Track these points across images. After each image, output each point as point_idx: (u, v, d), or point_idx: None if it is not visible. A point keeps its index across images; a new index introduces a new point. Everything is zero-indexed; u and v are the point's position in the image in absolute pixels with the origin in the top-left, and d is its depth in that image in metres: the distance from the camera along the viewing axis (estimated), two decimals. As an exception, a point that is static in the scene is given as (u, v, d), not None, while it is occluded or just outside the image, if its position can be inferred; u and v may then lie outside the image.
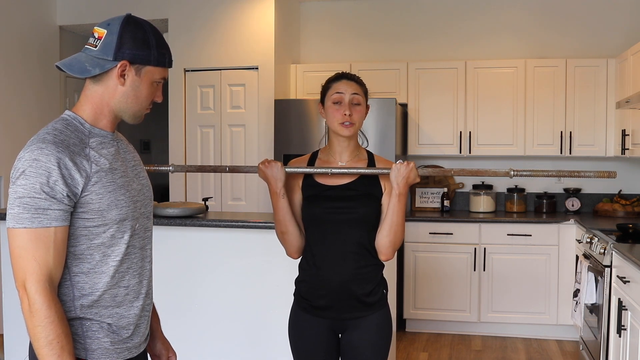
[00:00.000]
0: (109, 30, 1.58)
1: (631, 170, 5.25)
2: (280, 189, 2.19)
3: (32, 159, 1.48)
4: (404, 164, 2.15)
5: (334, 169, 2.19)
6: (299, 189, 2.26)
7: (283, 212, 2.21)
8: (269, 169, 2.20)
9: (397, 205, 2.16)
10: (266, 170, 2.20)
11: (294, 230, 2.23)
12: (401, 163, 2.15)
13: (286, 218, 2.21)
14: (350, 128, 2.19)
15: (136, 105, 1.64)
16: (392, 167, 2.16)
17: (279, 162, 2.21)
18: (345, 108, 2.19)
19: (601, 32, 5.23)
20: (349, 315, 2.19)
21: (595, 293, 3.73)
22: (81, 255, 1.57)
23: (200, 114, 5.17)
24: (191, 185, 5.20)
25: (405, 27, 5.57)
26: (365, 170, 2.19)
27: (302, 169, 2.22)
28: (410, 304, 4.98)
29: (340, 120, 2.19)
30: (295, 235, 2.23)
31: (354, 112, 2.20)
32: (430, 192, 5.47)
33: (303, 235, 2.26)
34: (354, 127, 2.20)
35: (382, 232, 2.19)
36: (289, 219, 2.21)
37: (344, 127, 2.19)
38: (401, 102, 5.15)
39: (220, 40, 5.08)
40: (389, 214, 2.17)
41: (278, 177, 2.19)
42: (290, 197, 2.25)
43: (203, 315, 3.43)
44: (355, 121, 2.19)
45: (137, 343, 1.69)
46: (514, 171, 2.22)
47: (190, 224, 3.38)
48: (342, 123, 2.19)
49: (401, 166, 2.14)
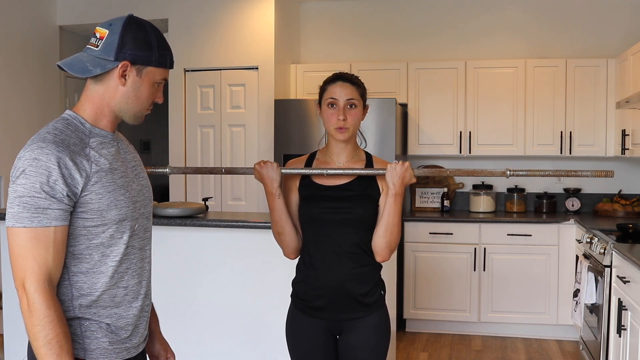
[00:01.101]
0: (110, 30, 1.58)
1: (631, 170, 5.25)
2: (275, 189, 2.19)
3: (32, 158, 1.48)
4: (399, 163, 2.14)
5: (329, 170, 2.19)
6: (296, 189, 2.26)
7: (279, 212, 2.21)
8: (264, 169, 2.20)
9: (393, 206, 2.16)
10: (262, 170, 2.20)
11: (291, 231, 2.23)
12: (396, 163, 2.15)
13: (282, 218, 2.21)
14: (345, 133, 2.19)
15: (137, 105, 1.64)
16: (387, 167, 2.16)
17: (274, 163, 2.20)
18: (340, 112, 2.18)
19: (601, 32, 5.23)
20: (346, 316, 2.18)
21: (595, 293, 3.74)
22: (80, 255, 1.57)
23: (200, 114, 5.17)
24: (191, 185, 5.20)
25: (405, 27, 5.57)
26: (361, 171, 2.19)
27: (298, 170, 2.22)
28: (410, 304, 4.98)
29: (335, 125, 2.19)
30: (292, 236, 2.23)
31: (348, 116, 2.18)
32: (430, 192, 5.47)
33: (300, 236, 2.26)
34: (349, 131, 2.19)
35: (378, 233, 2.18)
36: (285, 219, 2.21)
37: (339, 132, 2.19)
38: (401, 102, 5.15)
39: (220, 40, 5.08)
40: (385, 215, 2.17)
41: (274, 177, 2.19)
42: (287, 197, 2.25)
43: (203, 315, 3.43)
44: (349, 125, 2.19)
45: (135, 343, 1.69)
46: (511, 171, 2.21)
47: (190, 224, 3.38)
48: (337, 128, 2.19)
49: (396, 166, 2.14)
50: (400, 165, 2.14)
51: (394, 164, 2.14)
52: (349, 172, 2.18)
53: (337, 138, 2.21)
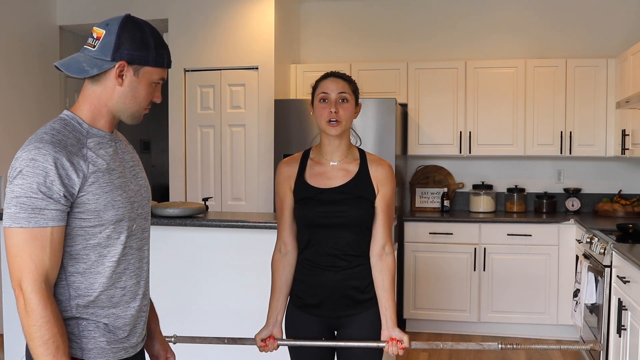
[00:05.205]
0: (107, 30, 1.58)
1: (631, 170, 5.24)
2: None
3: (30, 158, 1.48)
4: (397, 345, 2.15)
5: (327, 344, 2.20)
6: (291, 191, 2.26)
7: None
8: (267, 349, 2.27)
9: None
10: (265, 351, 2.27)
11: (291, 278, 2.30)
12: (394, 344, 2.15)
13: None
14: (337, 126, 2.17)
15: (134, 105, 1.64)
16: (387, 344, 2.16)
17: (275, 342, 2.25)
18: (332, 106, 2.17)
19: (601, 32, 5.23)
20: (343, 312, 2.21)
21: (595, 293, 3.73)
22: (77, 255, 1.57)
23: (200, 114, 5.17)
24: (191, 185, 5.20)
25: (405, 27, 5.56)
26: (359, 344, 2.18)
27: (294, 343, 2.23)
28: (410, 304, 4.98)
29: (327, 118, 2.17)
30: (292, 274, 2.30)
31: (340, 109, 2.17)
32: (430, 192, 5.46)
33: (295, 235, 2.28)
34: (341, 125, 2.18)
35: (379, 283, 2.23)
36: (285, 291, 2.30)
37: (331, 125, 2.17)
38: (401, 102, 5.14)
39: (220, 40, 5.08)
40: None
41: (275, 346, 2.27)
42: (282, 200, 2.27)
43: (203, 315, 3.43)
44: (341, 119, 2.17)
45: (133, 343, 1.69)
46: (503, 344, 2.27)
47: (190, 224, 3.38)
48: (328, 121, 2.17)
49: (394, 347, 2.16)
50: (396, 346, 2.15)
51: (393, 346, 2.16)
52: (345, 344, 2.19)
53: (329, 133, 2.19)
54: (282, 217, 2.28)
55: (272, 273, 2.29)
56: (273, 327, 2.27)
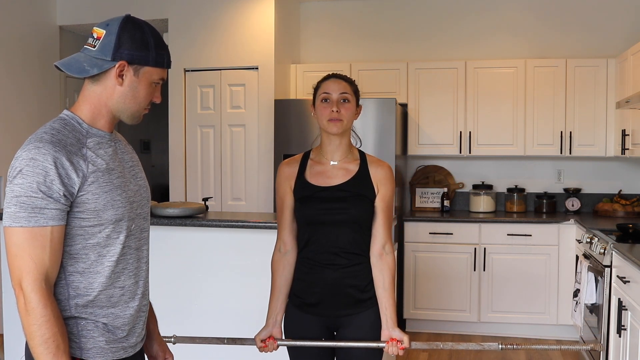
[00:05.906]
0: (107, 30, 1.58)
1: (631, 170, 5.24)
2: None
3: (29, 158, 1.48)
4: (397, 345, 2.16)
5: (325, 343, 2.21)
6: (291, 190, 2.27)
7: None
8: (267, 350, 2.27)
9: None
10: (265, 351, 2.27)
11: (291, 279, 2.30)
12: (394, 344, 2.16)
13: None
14: (338, 124, 2.19)
15: (134, 105, 1.64)
16: (387, 345, 2.16)
17: (274, 343, 2.25)
18: (333, 105, 2.19)
19: (601, 32, 5.23)
20: (342, 312, 2.21)
21: (595, 293, 3.73)
22: (76, 254, 1.57)
23: (200, 114, 5.17)
24: (191, 185, 5.20)
25: (405, 27, 5.56)
26: (359, 344, 2.18)
27: (292, 342, 2.23)
28: (410, 304, 4.98)
29: (328, 116, 2.19)
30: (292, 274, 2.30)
31: (342, 108, 2.20)
32: (430, 192, 5.46)
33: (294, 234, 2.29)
34: (342, 123, 2.20)
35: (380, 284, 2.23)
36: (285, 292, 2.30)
37: (332, 123, 2.19)
38: (401, 102, 5.14)
39: (220, 40, 5.08)
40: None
41: (275, 346, 2.27)
42: (283, 199, 2.28)
43: (202, 315, 3.43)
44: (343, 117, 2.19)
45: (132, 343, 1.69)
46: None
47: (190, 224, 3.38)
48: (330, 119, 2.19)
49: (394, 348, 2.16)
50: (396, 346, 2.16)
51: (393, 347, 2.16)
52: (345, 345, 2.19)
53: (331, 131, 2.20)
54: (282, 217, 2.29)
55: (272, 273, 2.30)
56: (273, 327, 2.27)
